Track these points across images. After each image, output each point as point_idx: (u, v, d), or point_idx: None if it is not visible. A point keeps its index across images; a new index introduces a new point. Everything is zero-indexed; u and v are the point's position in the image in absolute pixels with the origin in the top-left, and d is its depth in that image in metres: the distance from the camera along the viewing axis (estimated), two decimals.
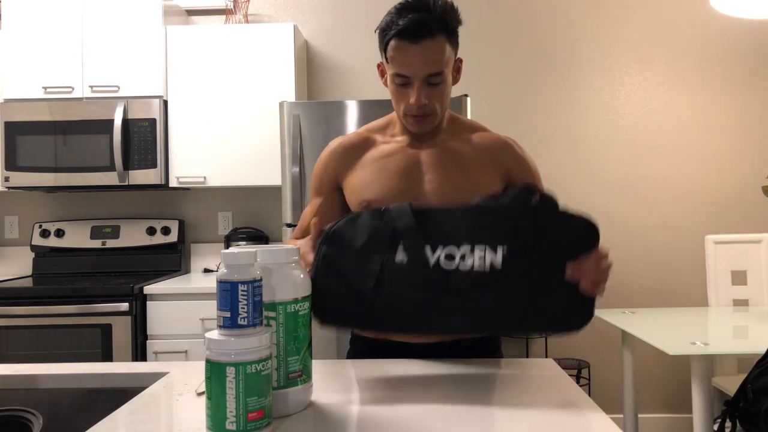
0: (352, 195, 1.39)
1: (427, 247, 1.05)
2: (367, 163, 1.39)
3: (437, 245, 1.05)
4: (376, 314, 1.07)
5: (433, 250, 1.05)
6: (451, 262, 1.04)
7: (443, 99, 1.31)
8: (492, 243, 1.04)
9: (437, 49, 1.25)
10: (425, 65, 1.25)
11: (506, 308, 1.04)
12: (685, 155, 3.29)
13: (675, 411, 3.27)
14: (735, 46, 3.29)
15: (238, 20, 3.20)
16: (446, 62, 1.28)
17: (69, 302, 2.63)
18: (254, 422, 0.83)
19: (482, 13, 3.31)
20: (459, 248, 1.04)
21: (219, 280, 0.86)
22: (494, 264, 1.04)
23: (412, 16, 1.22)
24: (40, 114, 2.95)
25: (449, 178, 1.32)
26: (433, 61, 1.25)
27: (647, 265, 3.29)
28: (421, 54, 1.24)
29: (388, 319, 1.07)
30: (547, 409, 0.94)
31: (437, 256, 1.05)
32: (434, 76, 1.27)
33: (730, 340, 2.08)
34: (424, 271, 1.04)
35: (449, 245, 1.05)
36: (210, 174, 3.00)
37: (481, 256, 1.04)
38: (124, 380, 1.22)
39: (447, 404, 0.96)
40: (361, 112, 2.65)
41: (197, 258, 3.33)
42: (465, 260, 1.04)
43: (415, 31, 1.22)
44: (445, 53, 1.26)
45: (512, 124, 3.31)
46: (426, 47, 1.24)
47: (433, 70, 1.26)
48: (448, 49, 1.27)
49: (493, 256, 1.04)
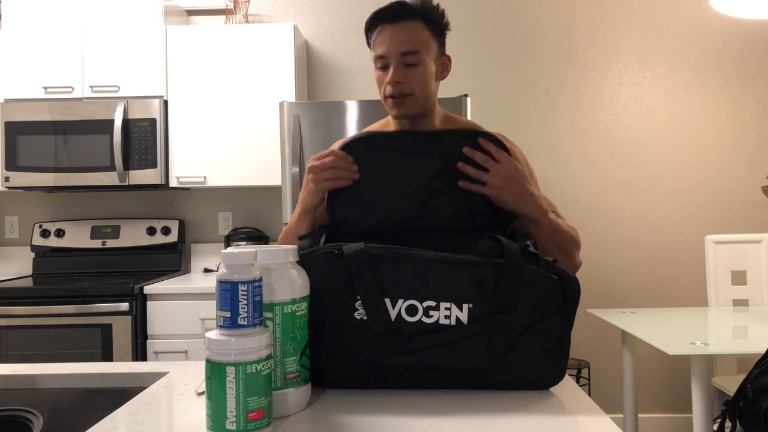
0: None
1: (387, 300, 0.99)
2: None
3: (396, 299, 0.99)
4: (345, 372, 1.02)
5: (393, 304, 0.99)
6: (412, 316, 0.99)
7: (423, 83, 1.34)
8: (457, 300, 0.99)
9: (412, 30, 1.32)
10: (399, 43, 1.31)
11: (473, 362, 0.99)
12: (685, 155, 3.29)
13: (675, 411, 3.27)
14: (735, 46, 3.29)
15: (238, 20, 3.20)
16: (423, 45, 1.33)
17: (69, 302, 2.63)
18: (254, 422, 0.83)
19: (482, 13, 3.31)
20: (422, 303, 0.99)
21: (219, 280, 0.86)
22: (460, 319, 0.98)
23: (391, 2, 1.33)
24: (40, 114, 2.95)
25: None
26: (407, 39, 1.31)
27: (647, 265, 3.29)
28: (397, 32, 1.31)
29: (354, 376, 1.02)
30: (547, 409, 0.94)
31: (398, 309, 0.99)
32: (409, 55, 1.31)
33: (730, 340, 2.08)
34: (385, 324, 0.99)
35: (410, 299, 0.99)
36: (210, 174, 3.00)
37: (447, 315, 0.99)
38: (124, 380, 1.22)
39: (445, 404, 0.96)
40: (361, 112, 2.65)
41: (197, 258, 3.34)
42: (429, 314, 0.99)
43: (391, 13, 1.32)
44: (421, 36, 1.33)
45: (512, 124, 3.31)
46: (402, 27, 1.32)
47: (407, 48, 1.31)
48: (425, 34, 1.34)
49: (458, 312, 0.99)
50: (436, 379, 1.01)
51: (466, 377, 1.01)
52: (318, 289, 1.01)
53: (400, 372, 1.00)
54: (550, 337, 1.00)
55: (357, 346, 1.00)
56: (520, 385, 1.02)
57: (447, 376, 1.00)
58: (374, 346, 1.00)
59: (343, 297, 1.00)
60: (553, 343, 1.00)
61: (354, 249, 1.00)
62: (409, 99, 1.34)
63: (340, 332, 1.00)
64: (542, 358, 1.00)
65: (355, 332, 1.00)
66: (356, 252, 1.00)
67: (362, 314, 1.00)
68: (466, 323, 0.98)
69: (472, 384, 1.02)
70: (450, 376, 1.00)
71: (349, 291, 1.00)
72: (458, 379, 1.01)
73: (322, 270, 1.01)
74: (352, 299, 1.00)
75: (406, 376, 1.01)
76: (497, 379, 1.01)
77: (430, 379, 1.01)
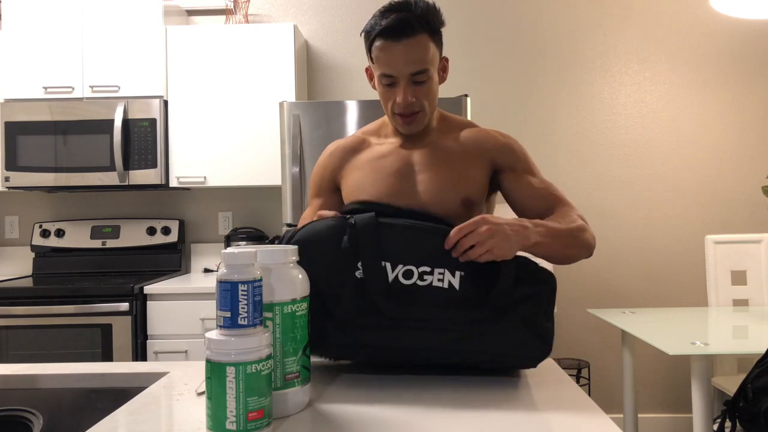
0: (348, 196, 1.42)
1: (387, 263, 1.06)
2: (361, 164, 1.42)
3: (397, 263, 1.06)
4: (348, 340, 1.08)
5: (393, 268, 1.06)
6: (408, 279, 1.06)
7: (430, 97, 1.33)
8: (450, 267, 1.06)
9: (420, 48, 1.27)
10: (409, 63, 1.27)
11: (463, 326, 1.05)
12: (685, 155, 3.29)
13: (675, 411, 3.27)
14: (735, 46, 3.29)
15: (239, 20, 3.20)
16: (430, 60, 1.30)
17: (69, 302, 2.63)
18: (254, 422, 0.83)
19: (482, 13, 3.31)
20: (418, 268, 1.06)
21: (219, 280, 0.86)
22: (452, 284, 1.06)
23: (394, 16, 1.26)
24: (40, 114, 2.95)
25: (439, 176, 1.35)
26: (416, 59, 1.27)
27: (647, 265, 3.29)
28: (405, 52, 1.27)
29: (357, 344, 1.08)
30: (547, 409, 0.94)
31: (396, 273, 1.06)
32: (419, 74, 1.29)
33: (730, 340, 2.08)
34: (384, 285, 1.05)
35: (408, 264, 1.06)
36: (210, 174, 3.00)
37: (440, 278, 1.06)
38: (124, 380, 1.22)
39: (446, 404, 0.96)
40: (361, 112, 2.65)
41: (197, 258, 3.34)
42: (423, 279, 1.06)
43: (397, 30, 1.25)
44: (428, 51, 1.29)
45: (512, 124, 3.31)
46: (409, 45, 1.26)
47: (417, 68, 1.28)
48: (431, 48, 1.30)
49: (451, 278, 1.06)
50: (424, 341, 1.06)
51: (453, 339, 1.06)
52: (325, 249, 1.08)
53: (389, 332, 1.06)
54: (537, 313, 1.07)
55: (353, 306, 1.06)
56: (507, 355, 1.07)
57: (436, 338, 1.06)
58: (367, 306, 1.06)
59: (347, 258, 1.07)
60: (540, 318, 1.07)
61: (364, 218, 1.09)
62: (419, 115, 1.34)
63: (339, 290, 1.06)
64: (529, 331, 1.06)
65: (353, 291, 1.06)
66: (365, 219, 1.08)
67: (362, 273, 1.06)
68: (457, 288, 1.06)
69: (459, 348, 1.07)
70: (438, 338, 1.06)
71: (354, 253, 1.07)
72: (446, 341, 1.06)
73: (331, 234, 1.09)
74: (355, 261, 1.07)
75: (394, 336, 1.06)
76: (483, 348, 1.06)
77: (418, 341, 1.06)
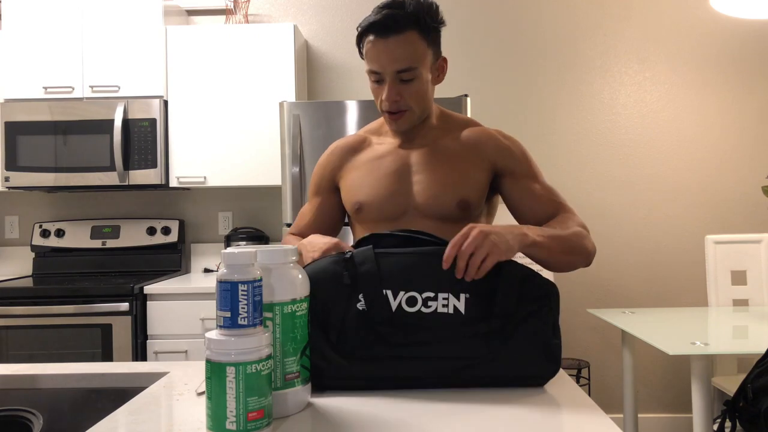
0: (346, 195, 1.41)
1: (388, 292, 1.02)
2: (360, 164, 1.40)
3: (398, 291, 1.02)
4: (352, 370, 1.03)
5: (395, 296, 1.02)
6: (412, 307, 1.02)
7: (419, 97, 1.30)
8: (454, 290, 1.02)
9: (407, 45, 1.25)
10: (394, 61, 1.25)
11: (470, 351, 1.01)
12: (685, 155, 3.29)
13: (675, 411, 3.27)
14: (735, 46, 3.29)
15: (239, 20, 3.20)
16: (419, 59, 1.27)
17: (69, 302, 2.63)
18: (254, 422, 0.83)
19: (482, 13, 3.31)
20: (421, 294, 1.02)
21: (219, 280, 0.86)
22: (457, 308, 1.02)
23: (384, 12, 1.25)
24: (40, 114, 2.95)
25: (437, 177, 1.33)
26: (402, 56, 1.25)
27: (647, 265, 3.29)
28: (390, 49, 1.25)
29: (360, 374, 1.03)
30: (548, 409, 0.94)
31: (399, 300, 1.02)
32: (405, 72, 1.26)
33: (730, 340, 2.08)
34: (387, 314, 1.02)
35: (411, 291, 1.02)
36: (210, 174, 3.00)
37: (444, 304, 1.02)
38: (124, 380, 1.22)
39: (446, 404, 0.96)
40: (361, 112, 2.65)
41: (197, 258, 3.34)
42: (428, 305, 1.02)
43: (385, 26, 1.24)
44: (417, 49, 1.26)
45: (512, 124, 3.31)
46: (395, 42, 1.24)
47: (403, 66, 1.26)
48: (421, 46, 1.27)
49: (456, 302, 1.02)
50: (432, 370, 1.02)
51: (462, 367, 1.02)
52: (325, 287, 1.03)
53: (396, 363, 1.02)
54: (544, 330, 1.03)
55: (357, 337, 1.02)
56: (516, 377, 1.03)
57: (443, 366, 1.02)
58: (373, 337, 1.02)
59: (348, 292, 1.03)
60: (548, 335, 1.03)
61: (361, 250, 1.05)
62: (406, 114, 1.31)
63: (341, 323, 1.02)
64: (537, 350, 1.03)
65: (356, 322, 1.02)
66: (363, 251, 1.05)
67: (363, 305, 1.02)
68: (463, 312, 1.02)
69: (468, 375, 1.03)
70: (446, 366, 1.02)
71: (354, 286, 1.03)
72: (455, 369, 1.02)
73: (330, 270, 1.04)
74: (356, 293, 1.03)
75: (402, 366, 1.02)
76: (493, 373, 1.02)
77: (425, 370, 1.02)
